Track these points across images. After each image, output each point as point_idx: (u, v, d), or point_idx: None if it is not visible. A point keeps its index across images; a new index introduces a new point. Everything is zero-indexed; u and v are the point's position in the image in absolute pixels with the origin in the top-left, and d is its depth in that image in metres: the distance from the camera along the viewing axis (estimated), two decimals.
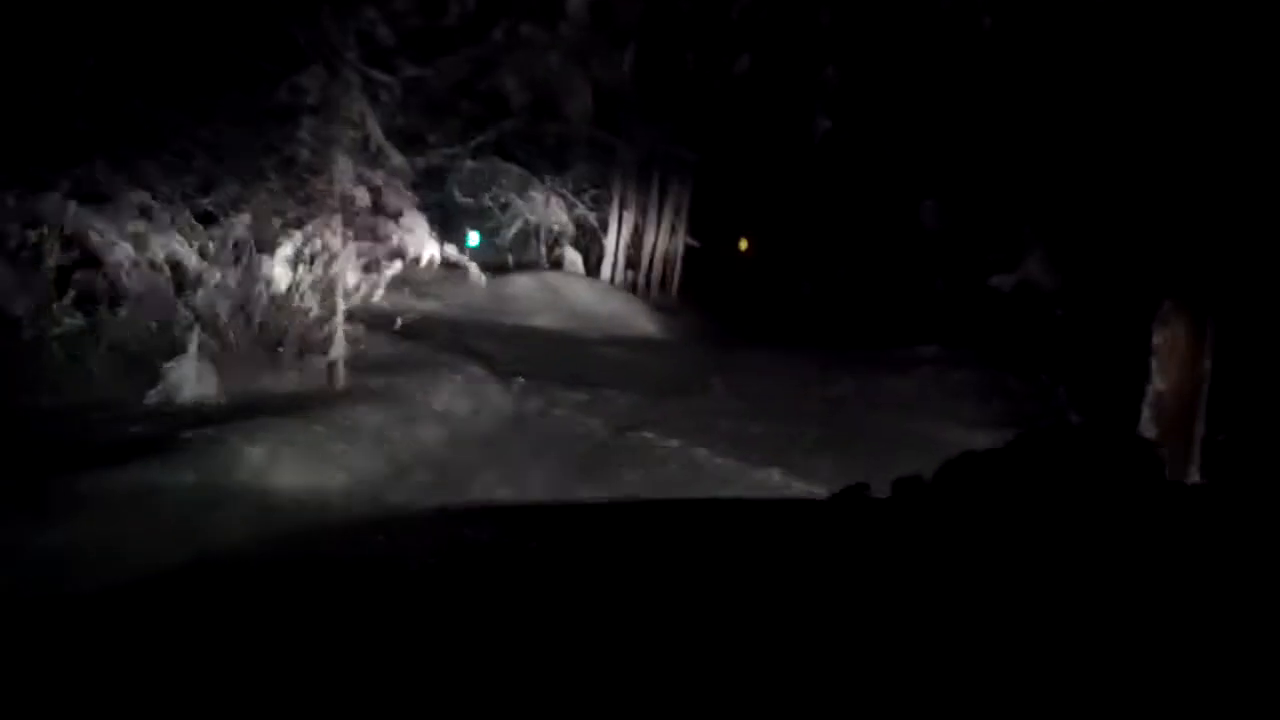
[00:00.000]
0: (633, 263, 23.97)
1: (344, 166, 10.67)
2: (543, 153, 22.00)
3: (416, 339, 13.95)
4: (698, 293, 27.83)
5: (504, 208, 23.04)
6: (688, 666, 1.65)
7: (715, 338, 21.02)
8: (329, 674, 1.71)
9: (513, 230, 23.20)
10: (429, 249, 11.02)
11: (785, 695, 1.57)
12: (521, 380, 12.98)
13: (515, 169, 21.79)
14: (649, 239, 24.97)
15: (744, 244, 43.47)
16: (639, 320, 20.49)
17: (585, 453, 9.71)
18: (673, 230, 26.23)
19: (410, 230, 10.87)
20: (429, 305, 18.46)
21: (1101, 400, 13.10)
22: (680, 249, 26.87)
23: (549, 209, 22.56)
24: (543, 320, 19.20)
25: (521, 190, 22.48)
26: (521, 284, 20.17)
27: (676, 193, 25.15)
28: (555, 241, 23.09)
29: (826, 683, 1.61)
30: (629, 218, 22.78)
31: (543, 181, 22.38)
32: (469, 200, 22.54)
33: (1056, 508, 2.59)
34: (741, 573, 2.15)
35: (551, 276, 20.91)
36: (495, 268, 21.68)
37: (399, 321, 13.60)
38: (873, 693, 1.59)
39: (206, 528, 6.36)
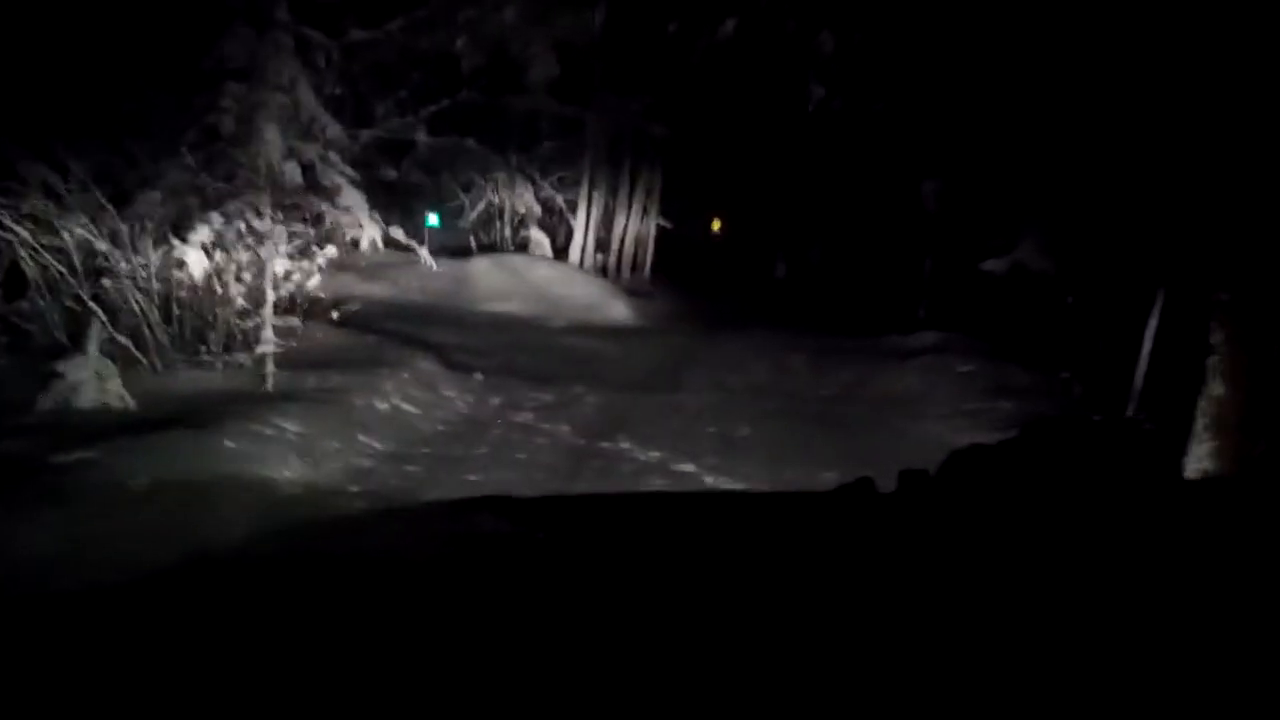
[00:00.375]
0: (603, 245, 22.50)
1: (272, 138, 9.12)
2: (506, 128, 20.43)
3: (365, 330, 12.46)
4: (671, 275, 26.51)
5: (466, 188, 21.49)
6: (697, 658, 1.54)
7: (691, 323, 19.63)
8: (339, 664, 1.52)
9: (476, 212, 21.67)
10: (369, 231, 9.50)
11: (790, 687, 1.46)
12: (480, 376, 11.51)
13: (476, 146, 20.21)
14: (620, 220, 23.50)
15: (716, 225, 42.28)
16: (610, 306, 19.04)
17: (550, 467, 8.27)
18: (644, 211, 24.79)
19: (347, 210, 9.35)
20: (382, 291, 16.96)
21: (1119, 397, 11.88)
22: (652, 230, 25.46)
23: (513, 189, 21.03)
24: (506, 306, 17.72)
25: (484, 169, 20.91)
26: (483, 268, 18.66)
27: (648, 171, 23.67)
28: (520, 223, 21.55)
29: (832, 675, 1.49)
30: (599, 198, 21.27)
31: (507, 160, 20.82)
32: (429, 180, 20.99)
33: (1064, 500, 2.46)
34: (748, 564, 2.06)
35: (516, 259, 19.40)
36: (456, 250, 20.17)
37: (349, 310, 12.11)
38: (877, 685, 1.46)
39: None
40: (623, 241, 23.74)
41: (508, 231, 21.28)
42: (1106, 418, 10.29)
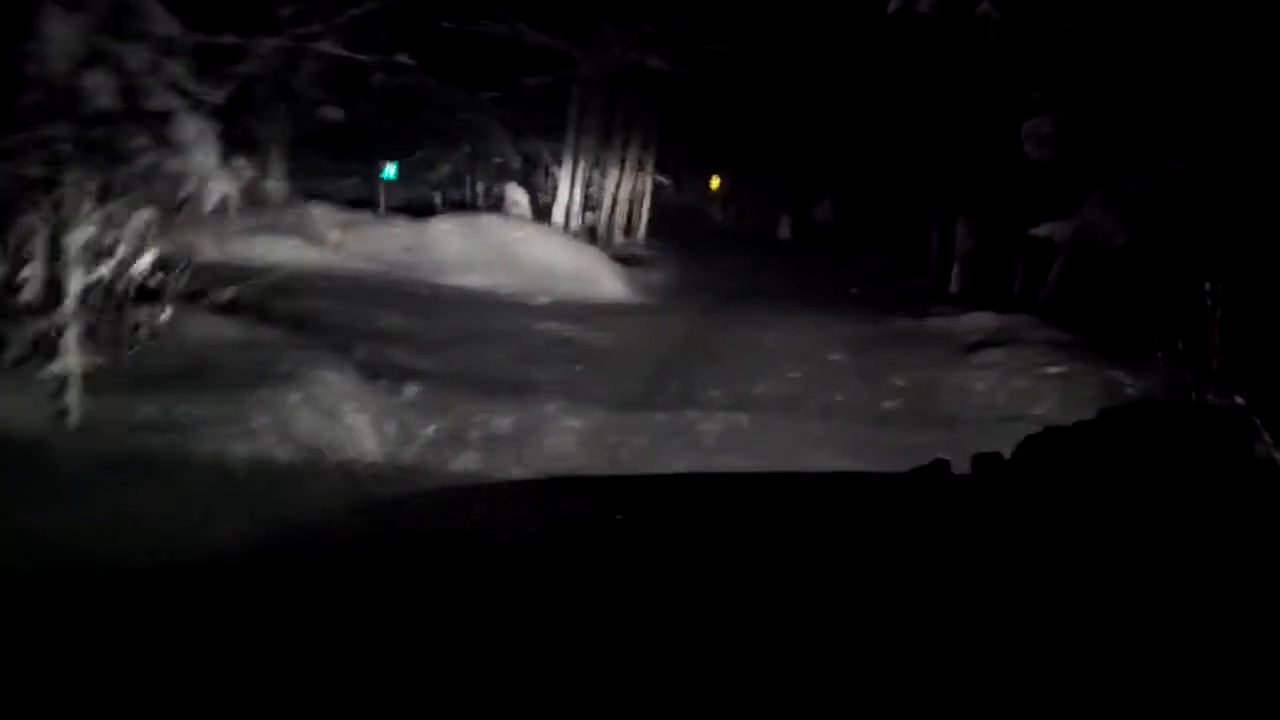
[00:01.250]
0: (593, 205, 18.92)
1: (61, 36, 5.63)
2: (481, 65, 16.76)
3: (268, 318, 9.01)
4: (670, 239, 23.11)
5: (434, 134, 17.84)
6: (783, 638, 1.50)
7: (696, 298, 16.19)
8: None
9: (448, 165, 18.07)
10: (217, 182, 5.98)
11: (878, 666, 1.43)
12: (415, 389, 8.09)
13: (443, 85, 16.57)
14: (612, 176, 19.95)
15: (716, 182, 39.06)
16: (600, 278, 15.56)
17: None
18: (640, 165, 21.25)
19: (184, 148, 5.85)
20: (318, 260, 13.46)
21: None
22: (648, 187, 21.95)
23: (488, 137, 17.42)
24: (474, 280, 14.23)
25: (453, 113, 17.30)
26: (448, 231, 15.12)
27: (645, 119, 20.10)
28: (498, 177, 17.91)
29: (916, 656, 1.45)
30: (588, 149, 17.61)
31: (480, 101, 17.16)
32: (389, 125, 17.38)
33: (1145, 484, 2.24)
34: (825, 543, 1.97)
35: (489, 221, 15.80)
36: (420, 209, 16.64)
37: (258, 286, 8.70)
38: (959, 666, 1.42)
39: None
40: (615, 200, 20.21)
41: (480, 188, 17.66)
42: (1189, 399, 8.54)
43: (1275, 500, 2.27)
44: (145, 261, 6.42)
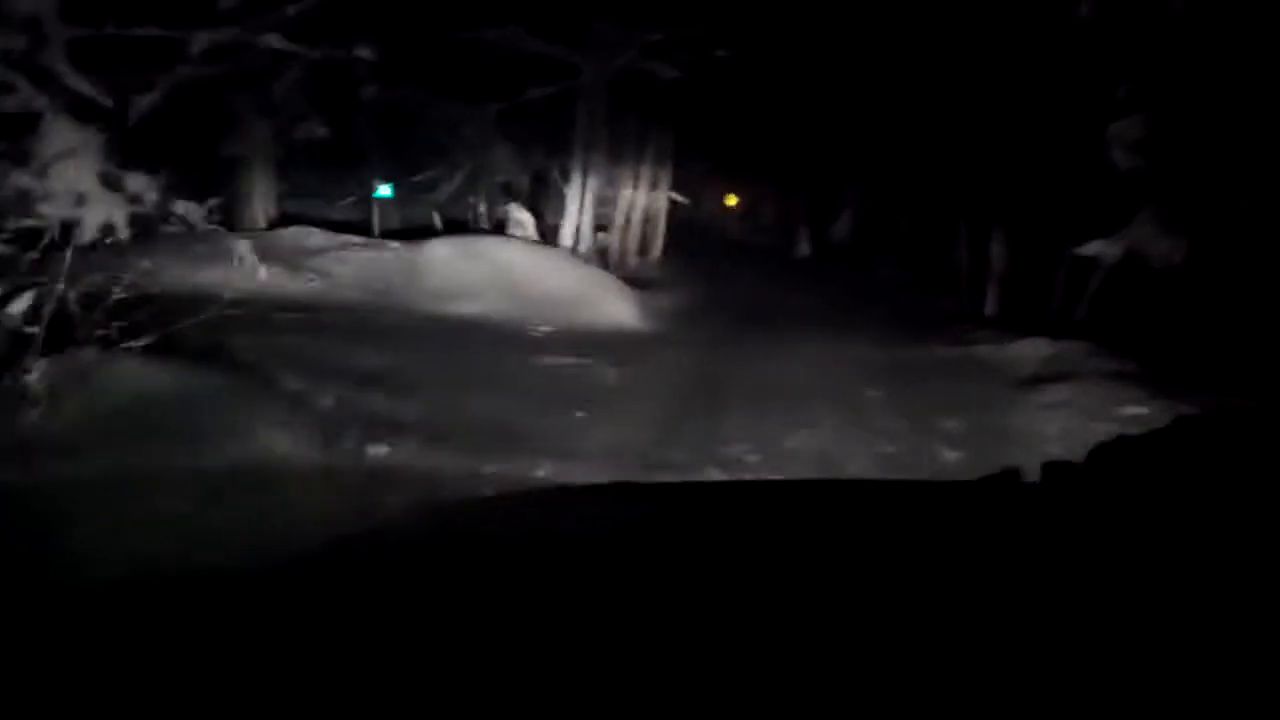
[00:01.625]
0: (604, 224, 17.50)
1: None
2: (480, 75, 15.38)
3: (213, 359, 7.58)
4: (685, 259, 21.66)
5: (434, 151, 16.47)
6: (859, 645, 1.49)
7: (713, 325, 14.71)
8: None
9: (454, 184, 16.67)
10: (98, 204, 4.55)
11: (958, 673, 1.40)
12: (383, 450, 6.64)
13: (440, 98, 15.20)
14: (625, 192, 18.52)
15: (732, 198, 37.72)
16: (610, 302, 14.11)
17: None
18: (654, 181, 19.80)
19: (57, 155, 4.43)
20: (298, 287, 12.09)
21: None
22: (664, 205, 20.50)
23: (491, 152, 16.04)
24: (469, 307, 12.81)
25: (454, 128, 15.92)
26: (443, 255, 13.69)
27: (659, 132, 18.67)
28: (501, 196, 16.49)
29: (994, 662, 1.42)
30: (597, 164, 16.20)
31: (482, 115, 15.79)
32: (384, 142, 16.03)
33: (1221, 490, 2.19)
34: (894, 551, 1.93)
35: (489, 243, 14.37)
36: (417, 230, 15.27)
37: (216, 318, 7.28)
38: (1039, 672, 1.39)
39: None
40: (629, 220, 18.78)
41: (483, 208, 16.25)
42: (1259, 407, 7.55)
43: None
44: (20, 305, 4.98)
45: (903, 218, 28.97)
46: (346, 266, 13.28)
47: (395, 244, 13.84)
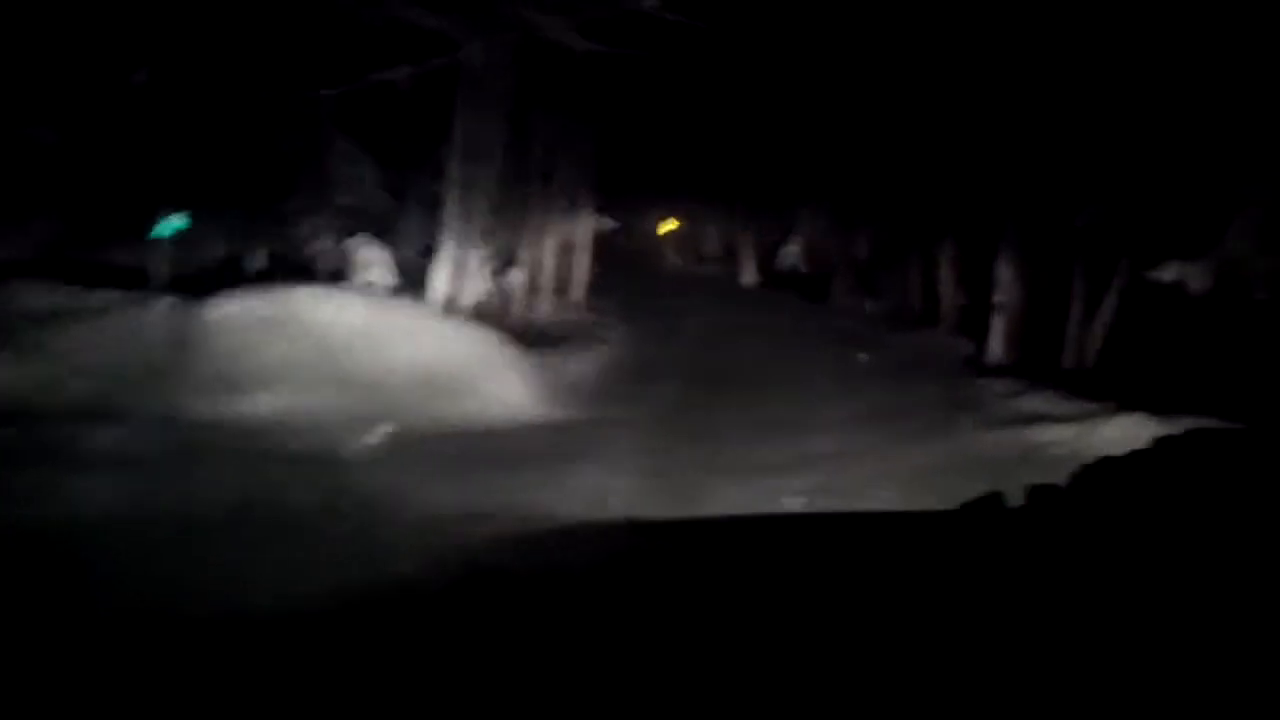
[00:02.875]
0: (510, 259, 12.53)
1: None
2: (310, 54, 10.27)
3: None
4: (616, 297, 17.13)
5: (247, 164, 11.25)
6: (837, 672, 1.49)
7: (647, 394, 10.03)
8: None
9: (267, 212, 11.48)
10: None
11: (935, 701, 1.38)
12: None
13: (250, 86, 10.11)
14: (533, 219, 13.68)
15: (669, 224, 33.47)
16: (495, 379, 9.19)
17: None
18: (573, 202, 15.02)
19: None
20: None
21: None
22: (587, 233, 15.74)
23: (329, 165, 10.98)
24: (264, 402, 7.86)
25: (277, 130, 10.81)
26: (234, 318, 8.61)
27: (578, 137, 13.87)
28: (344, 227, 11.25)
29: (973, 689, 1.39)
30: (483, 179, 11.19)
31: (315, 110, 10.67)
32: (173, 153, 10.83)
33: (1199, 512, 2.13)
34: (880, 583, 1.89)
35: (310, 300, 9.12)
36: (209, 279, 10.20)
37: None
38: (1019, 697, 1.36)
39: None
40: (539, 254, 13.91)
41: (319, 244, 11.06)
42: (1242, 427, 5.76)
43: None
44: None
45: (860, 241, 25.49)
46: (80, 341, 8.19)
47: (168, 304, 8.74)
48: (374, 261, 10.49)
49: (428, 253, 10.62)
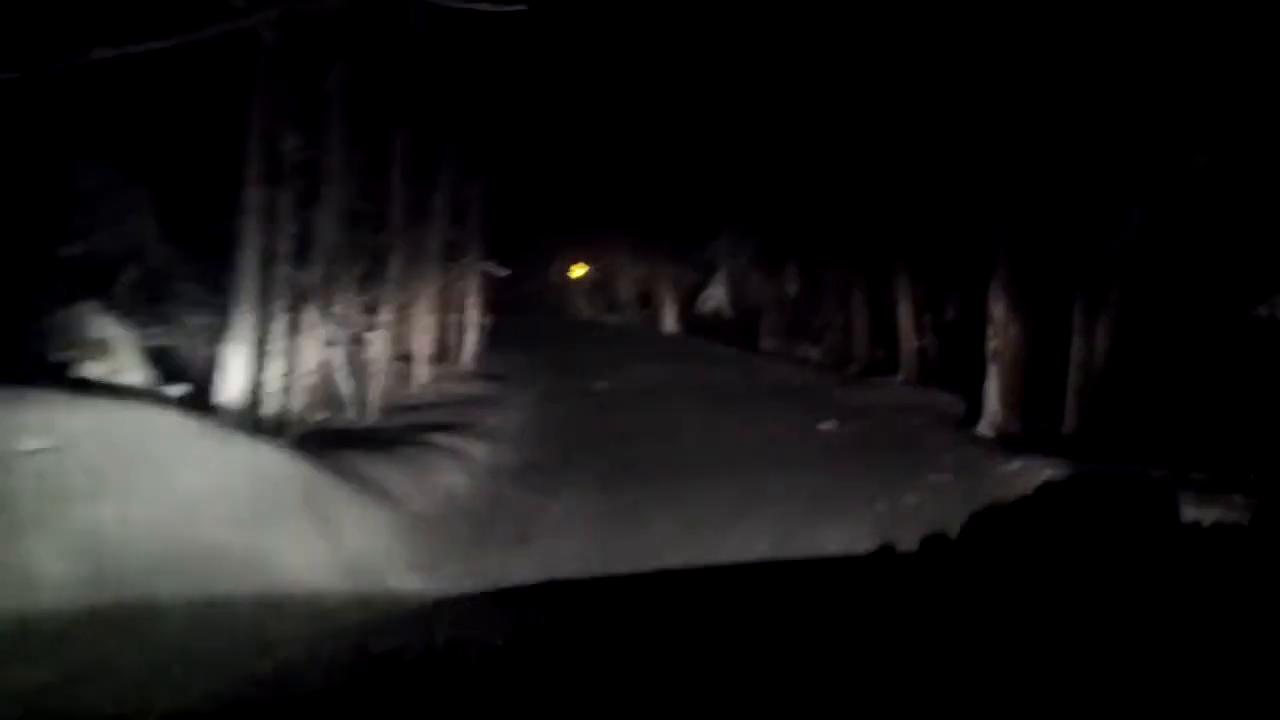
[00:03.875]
0: (342, 324, 8.76)
1: None
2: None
3: None
4: (515, 357, 13.85)
5: None
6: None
7: (554, 515, 6.49)
8: None
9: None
10: None
11: None
12: None
13: None
14: (400, 267, 10.01)
15: (579, 269, 30.60)
16: (289, 533, 5.36)
17: None
18: (452, 246, 11.46)
19: None
20: None
21: None
22: (473, 282, 12.20)
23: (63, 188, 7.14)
24: None
25: None
26: None
27: (454, 157, 10.34)
28: (65, 290, 7.30)
29: None
30: (331, 217, 7.39)
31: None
32: None
33: (1074, 554, 2.17)
34: (780, 627, 1.87)
35: None
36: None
37: None
38: None
39: None
40: (403, 315, 10.22)
41: (56, 316, 7.12)
42: (1116, 470, 5.20)
43: (1196, 560, 2.17)
44: None
45: (791, 281, 23.13)
46: None
47: None
48: (110, 345, 6.60)
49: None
